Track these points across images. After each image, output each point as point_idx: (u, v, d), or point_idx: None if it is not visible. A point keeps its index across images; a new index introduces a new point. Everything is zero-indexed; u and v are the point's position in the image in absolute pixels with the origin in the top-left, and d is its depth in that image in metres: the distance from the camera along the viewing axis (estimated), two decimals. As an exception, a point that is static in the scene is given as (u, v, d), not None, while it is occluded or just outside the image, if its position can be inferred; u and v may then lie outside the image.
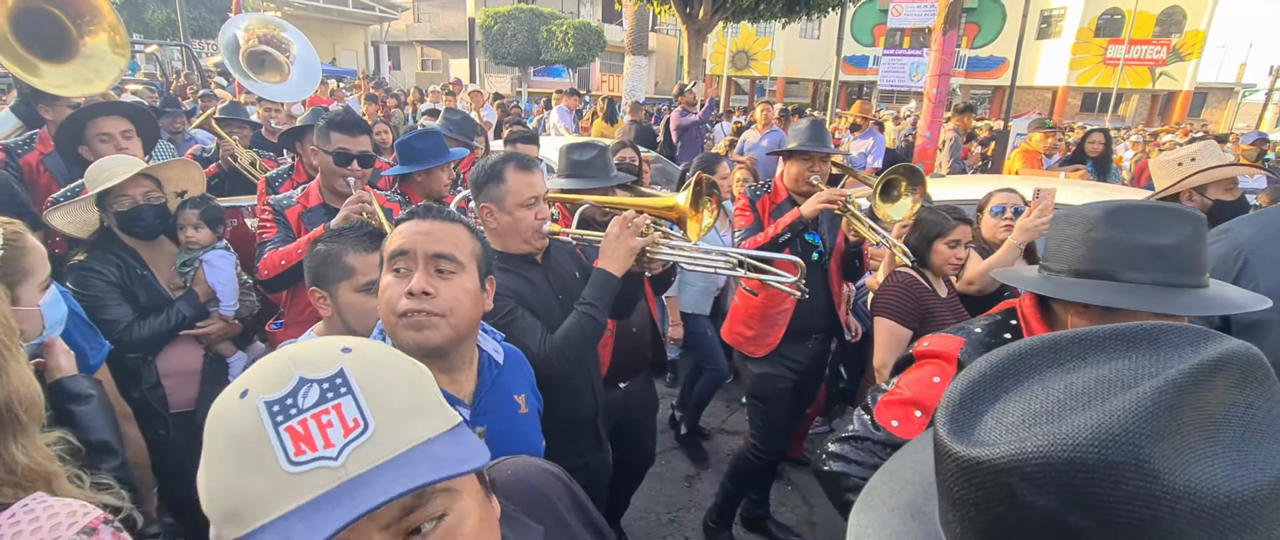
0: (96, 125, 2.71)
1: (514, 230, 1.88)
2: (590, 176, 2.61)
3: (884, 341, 2.49)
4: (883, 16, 28.85)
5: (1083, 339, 0.55)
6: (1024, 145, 7.01)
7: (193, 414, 2.34)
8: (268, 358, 0.59)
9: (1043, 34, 28.18)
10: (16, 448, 0.95)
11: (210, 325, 2.38)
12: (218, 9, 18.27)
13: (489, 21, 25.89)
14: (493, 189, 1.88)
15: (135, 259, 2.28)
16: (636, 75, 14.39)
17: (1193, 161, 2.56)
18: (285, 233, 2.42)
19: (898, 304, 2.49)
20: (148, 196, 2.25)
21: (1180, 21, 25.94)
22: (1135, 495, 0.45)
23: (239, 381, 0.57)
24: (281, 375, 0.56)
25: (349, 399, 0.55)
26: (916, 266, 2.56)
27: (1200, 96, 29.21)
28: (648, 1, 9.86)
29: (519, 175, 1.87)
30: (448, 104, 10.09)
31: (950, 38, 6.70)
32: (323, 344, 0.60)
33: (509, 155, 1.93)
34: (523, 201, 1.86)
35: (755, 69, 31.33)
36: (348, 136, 2.45)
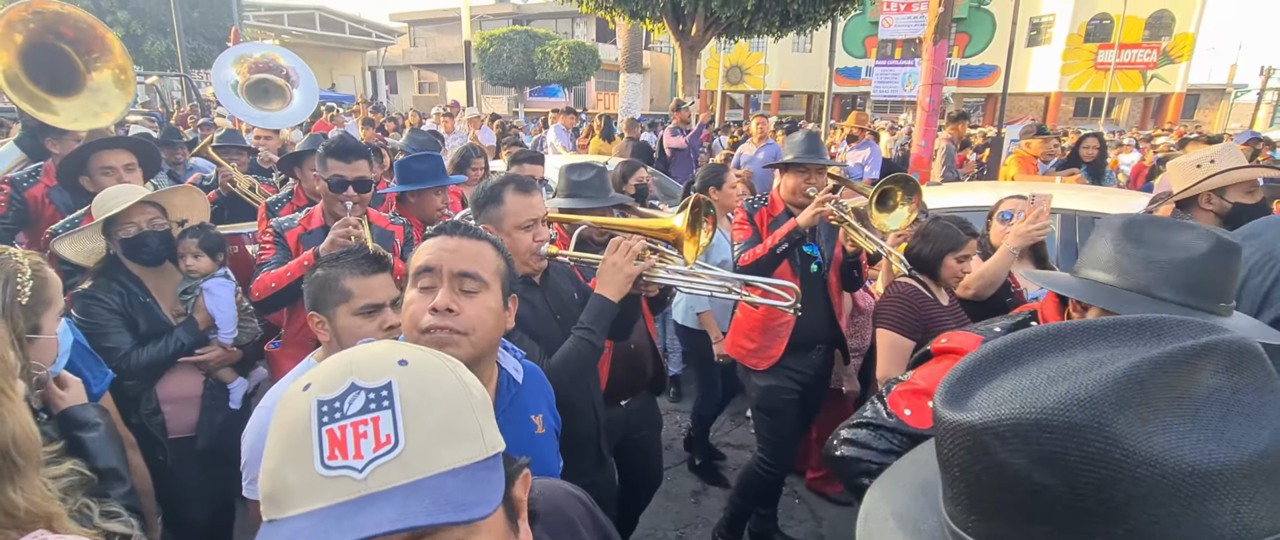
0: (100, 158, 2.79)
1: (511, 252, 1.88)
2: (589, 196, 2.62)
3: (886, 353, 2.49)
4: (873, 28, 29.09)
5: (1088, 327, 0.57)
6: (1019, 151, 7.05)
7: (192, 440, 2.35)
8: (337, 357, 0.61)
9: (1033, 41, 28.45)
10: (15, 492, 0.94)
11: (209, 352, 2.38)
12: (216, 39, 18.47)
13: (484, 44, 26.18)
14: (491, 210, 1.88)
15: (139, 286, 2.30)
16: (632, 92, 14.50)
17: (1212, 163, 2.49)
18: (284, 255, 2.44)
19: (899, 315, 2.48)
20: (152, 223, 2.28)
21: (1169, 25, 26.20)
22: (1095, 457, 0.47)
23: (310, 374, 0.60)
24: (337, 377, 0.58)
25: (388, 414, 0.57)
26: (916, 276, 2.55)
27: (1192, 98, 29.41)
28: (641, 20, 9.97)
29: (517, 197, 1.87)
30: (445, 126, 10.18)
31: (941, 47, 6.77)
32: (383, 351, 0.62)
33: (509, 177, 1.93)
34: (520, 223, 1.86)
35: (749, 83, 31.58)
36: (343, 163, 2.47)
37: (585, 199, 2.60)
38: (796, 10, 9.06)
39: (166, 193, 2.49)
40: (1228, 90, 31.98)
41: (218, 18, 18.62)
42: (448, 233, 1.28)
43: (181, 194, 2.57)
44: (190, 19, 17.25)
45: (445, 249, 1.24)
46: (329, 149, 2.50)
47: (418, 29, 37.36)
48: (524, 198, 1.88)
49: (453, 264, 1.23)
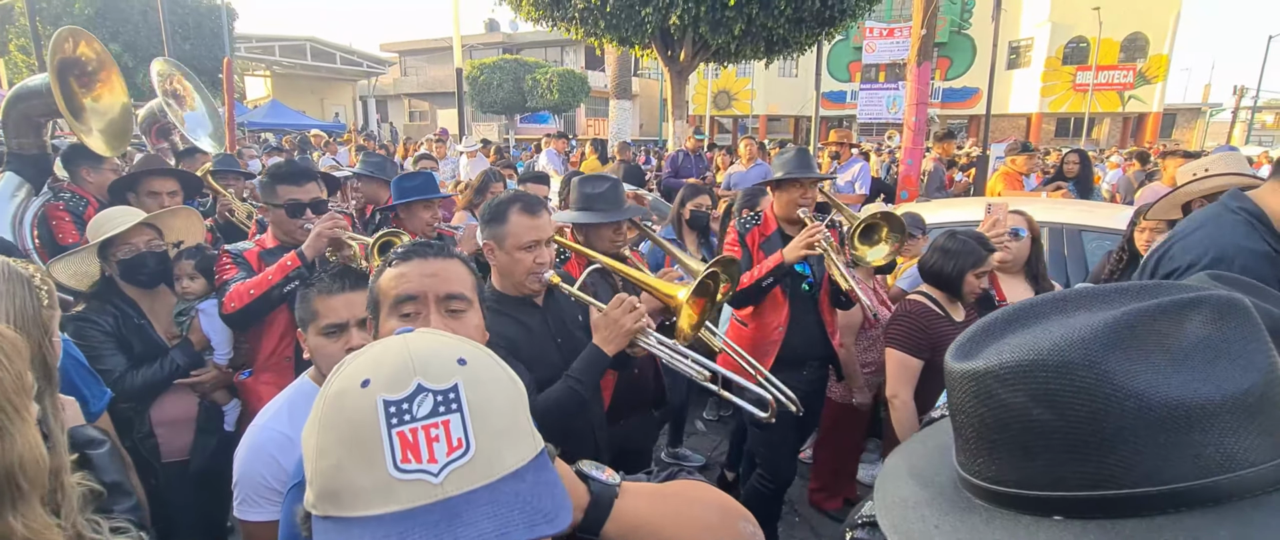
0: (149, 183, 2.96)
1: (510, 271, 1.88)
2: (603, 209, 2.57)
3: (895, 372, 2.50)
4: (857, 54, 29.82)
5: (1090, 293, 0.61)
6: (1004, 168, 7.19)
7: (185, 464, 2.32)
8: (387, 348, 0.61)
9: (1012, 64, 29.11)
10: (15, 519, 0.90)
11: (204, 374, 2.36)
12: (208, 71, 18.55)
13: (475, 72, 26.45)
14: (496, 228, 1.87)
15: (133, 309, 2.29)
16: (621, 118, 14.67)
17: (1206, 171, 2.56)
18: (247, 273, 2.38)
19: (907, 335, 2.50)
20: (150, 244, 2.28)
21: (1143, 46, 26.91)
22: (1086, 390, 0.52)
23: (359, 366, 0.60)
24: (402, 377, 0.58)
25: (457, 417, 0.57)
26: (928, 294, 2.56)
27: (1170, 117, 30.09)
28: (629, 47, 10.14)
29: (522, 217, 1.85)
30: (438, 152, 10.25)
31: (925, 68, 6.93)
32: (440, 347, 0.62)
33: (516, 196, 1.92)
34: (522, 243, 1.84)
35: (737, 108, 32.04)
36: (295, 187, 2.42)
37: (599, 212, 2.55)
38: (782, 36, 9.24)
39: (164, 214, 2.51)
40: (1203, 109, 32.76)
41: (210, 50, 18.74)
42: (420, 255, 1.21)
43: (179, 216, 2.59)
44: (182, 51, 17.34)
45: (427, 273, 1.19)
46: (277, 175, 2.44)
47: (408, 59, 37.73)
48: (529, 218, 1.86)
49: (438, 288, 1.18)
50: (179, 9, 17.89)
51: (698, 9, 8.31)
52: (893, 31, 27.86)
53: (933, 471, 0.68)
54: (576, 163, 9.75)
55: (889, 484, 0.71)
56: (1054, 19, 27.28)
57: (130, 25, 17.34)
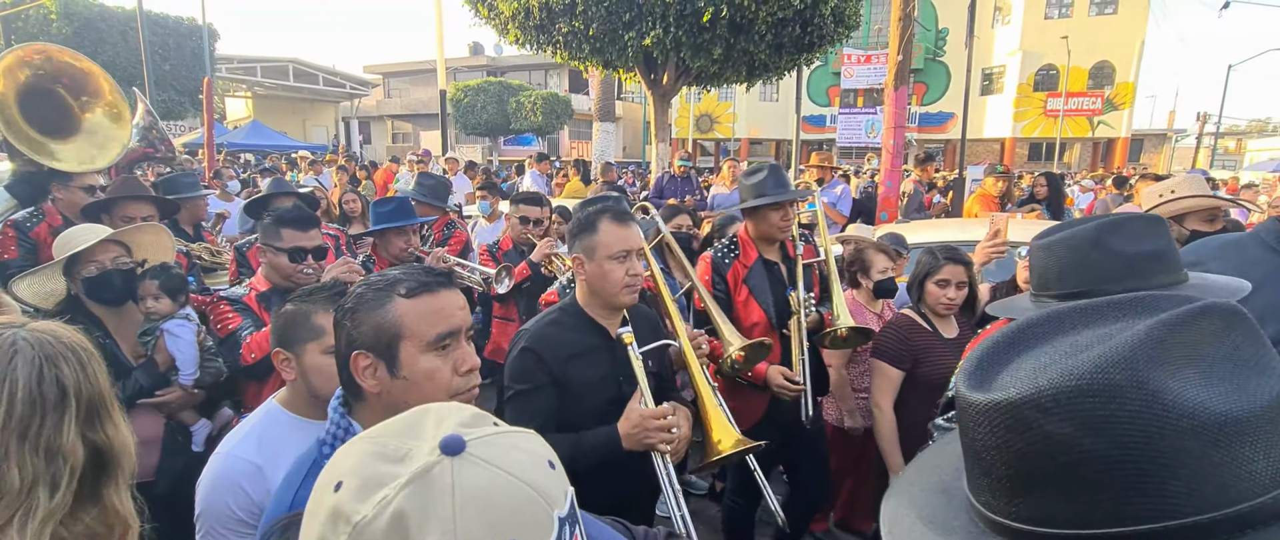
0: (124, 208, 2.94)
1: (602, 283, 1.81)
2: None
3: (877, 382, 2.64)
4: (836, 79, 30.43)
5: (1083, 309, 0.60)
6: (980, 190, 7.34)
7: (152, 485, 2.22)
8: (515, 492, 0.52)
9: (986, 90, 29.89)
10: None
11: (169, 394, 2.29)
12: (188, 91, 18.43)
13: (459, 95, 26.53)
14: (586, 239, 1.82)
15: (99, 328, 2.22)
16: (605, 141, 14.78)
17: (1172, 192, 2.61)
18: (252, 320, 2.34)
19: (890, 346, 2.61)
20: (116, 262, 2.22)
21: (1110, 74, 27.82)
22: (1139, 414, 0.49)
23: (487, 528, 0.50)
24: (542, 519, 0.52)
25: (579, 526, 0.55)
26: (918, 309, 2.65)
27: (1137, 143, 31.01)
28: (613, 70, 10.26)
29: (613, 227, 1.81)
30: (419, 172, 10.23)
31: (902, 93, 7.09)
32: (539, 461, 0.56)
33: (605, 205, 1.87)
34: (614, 254, 1.79)
35: (719, 131, 32.42)
36: (300, 232, 2.37)
37: None
38: (762, 61, 9.41)
39: (131, 231, 2.47)
40: (1169, 135, 33.84)
41: (190, 70, 18.62)
42: (444, 286, 1.16)
43: (147, 232, 2.55)
44: (161, 71, 17.21)
45: (458, 306, 1.16)
46: (284, 219, 2.39)
47: (392, 81, 37.75)
48: (620, 228, 1.81)
49: (465, 320, 1.17)
50: (159, 29, 17.80)
51: (680, 33, 8.45)
52: (870, 58, 28.52)
53: (946, 515, 0.63)
54: (561, 185, 9.78)
55: (903, 533, 0.64)
56: (1025, 47, 28.15)
57: (109, 45, 17.17)
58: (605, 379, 1.85)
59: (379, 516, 0.49)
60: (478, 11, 9.58)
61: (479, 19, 9.61)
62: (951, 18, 27.50)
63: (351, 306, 1.12)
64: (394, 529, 0.49)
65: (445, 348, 1.11)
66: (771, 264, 2.70)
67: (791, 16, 8.46)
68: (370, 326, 1.09)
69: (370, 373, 1.10)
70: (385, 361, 1.09)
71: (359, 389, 1.13)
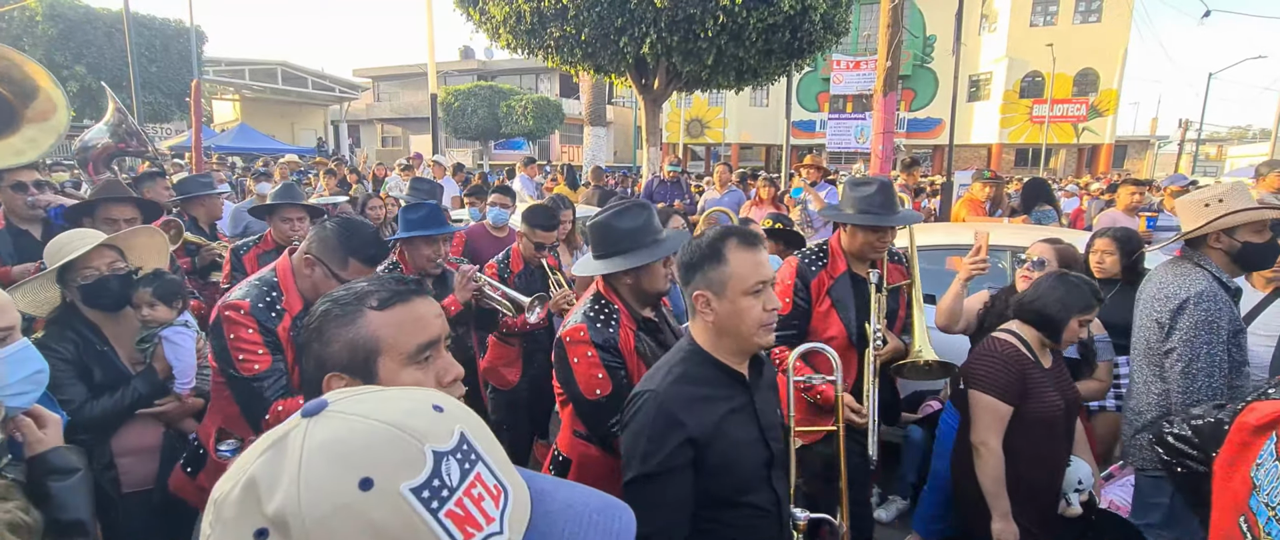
0: (107, 209, 2.93)
1: (736, 324, 1.51)
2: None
3: (985, 419, 2.29)
4: (825, 85, 30.68)
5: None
6: (967, 195, 7.43)
7: (149, 494, 2.21)
8: (369, 433, 0.50)
9: (973, 96, 30.23)
10: None
11: (168, 403, 2.25)
12: (175, 94, 18.29)
13: (449, 98, 26.49)
14: (711, 271, 1.52)
15: (96, 334, 2.19)
16: (596, 145, 14.81)
17: (1221, 203, 2.43)
18: (276, 355, 1.95)
19: (999, 378, 2.28)
20: (112, 267, 2.19)
21: (1094, 81, 28.23)
22: None
23: (337, 468, 0.48)
24: (412, 454, 0.49)
25: (481, 465, 0.52)
26: (1017, 334, 2.36)
27: (1121, 149, 31.45)
28: (604, 75, 10.30)
29: (744, 254, 1.51)
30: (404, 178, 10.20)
31: (891, 99, 7.17)
32: (419, 406, 0.54)
33: (728, 229, 1.59)
34: (749, 288, 1.49)
35: (710, 136, 32.56)
36: (368, 269, 2.03)
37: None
38: (752, 66, 9.48)
39: (126, 235, 2.42)
40: (1152, 141, 34.36)
41: (176, 72, 18.46)
42: (418, 294, 1.08)
43: (142, 235, 2.49)
44: (148, 73, 17.07)
45: (435, 313, 1.08)
46: (357, 250, 1.99)
47: (382, 84, 37.61)
48: (751, 254, 1.51)
49: (443, 328, 1.09)
50: (146, 31, 17.66)
51: (671, 39, 8.50)
52: (859, 64, 28.78)
53: None
54: (550, 189, 9.79)
55: None
56: (1011, 54, 28.51)
57: (95, 47, 17.02)
58: (755, 442, 1.56)
59: (233, 488, 0.49)
60: (469, 16, 9.59)
61: (471, 23, 9.63)
62: (939, 25, 27.82)
63: (318, 325, 1.04)
64: (246, 494, 0.48)
65: (426, 359, 1.04)
66: (859, 279, 2.52)
67: (782, 22, 8.54)
68: (342, 344, 1.01)
69: None
70: (362, 380, 1.01)
71: None
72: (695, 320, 1.58)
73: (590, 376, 1.87)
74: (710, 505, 1.48)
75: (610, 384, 1.86)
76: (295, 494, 0.46)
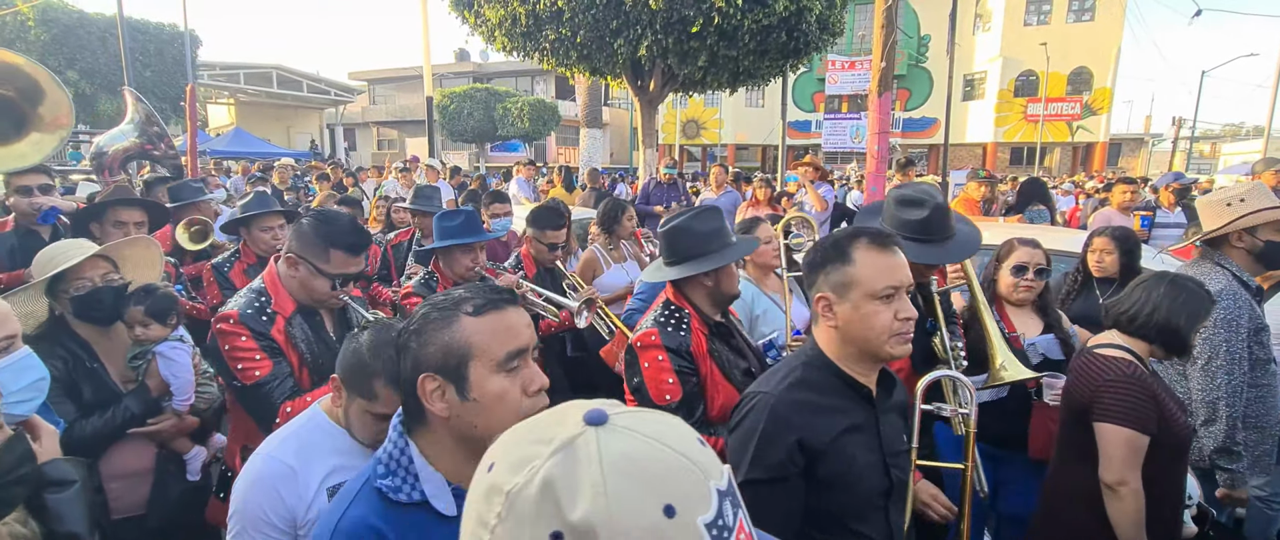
0: (115, 212, 2.89)
1: (863, 331, 1.39)
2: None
3: (1122, 455, 1.94)
4: (821, 85, 30.73)
5: None
6: (962, 195, 7.45)
7: (142, 519, 2.11)
8: (666, 459, 0.51)
9: (968, 96, 30.33)
10: None
11: (163, 421, 2.13)
12: (169, 98, 18.22)
13: (445, 101, 26.44)
14: (835, 273, 1.41)
15: (86, 351, 2.07)
16: (592, 147, 14.80)
17: (1242, 202, 2.45)
18: (276, 358, 1.95)
19: (1135, 406, 1.95)
20: (106, 278, 2.09)
21: (1088, 80, 28.35)
22: None
23: (642, 490, 0.49)
24: (702, 489, 0.50)
25: (742, 511, 0.53)
26: (1129, 350, 2.05)
27: (1115, 147, 31.58)
28: (601, 76, 10.30)
29: (874, 255, 1.39)
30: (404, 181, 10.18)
31: (886, 99, 7.17)
32: (693, 439, 0.54)
33: (859, 229, 1.47)
34: (878, 291, 1.37)
35: (706, 137, 32.59)
36: (352, 258, 2.02)
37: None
38: (747, 67, 9.49)
39: (119, 245, 2.34)
40: (1146, 139, 34.52)
41: (171, 77, 18.40)
42: (511, 303, 1.10)
43: (137, 246, 2.41)
44: (142, 78, 16.99)
45: (525, 323, 1.10)
46: (338, 240, 1.98)
47: (377, 87, 37.55)
48: (884, 256, 1.39)
49: (532, 338, 1.11)
50: (140, 36, 17.58)
51: (666, 40, 8.51)
52: (854, 64, 28.84)
53: None
54: (546, 191, 9.79)
55: None
56: (1005, 53, 28.61)
57: (89, 52, 16.93)
58: (875, 466, 1.42)
59: (529, 484, 0.51)
60: (464, 19, 9.58)
61: (466, 26, 9.62)
62: (933, 25, 27.91)
63: (417, 327, 1.07)
64: (544, 495, 0.50)
65: (514, 368, 1.06)
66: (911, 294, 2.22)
67: (776, 23, 8.55)
68: (438, 347, 1.05)
69: (438, 395, 1.05)
70: (454, 383, 1.04)
71: (423, 413, 1.07)
72: (817, 325, 1.49)
73: (660, 381, 1.87)
74: (818, 528, 1.38)
75: (680, 389, 1.86)
76: (604, 507, 0.48)
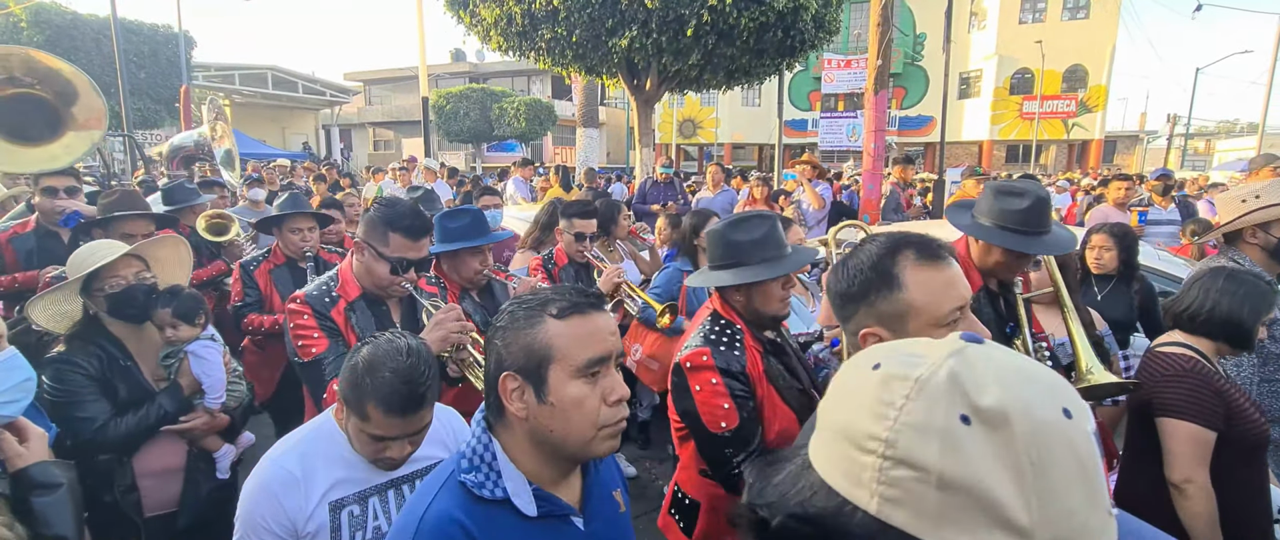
0: (123, 225, 2.98)
1: None
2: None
3: (1188, 451, 1.90)
4: (817, 84, 30.72)
5: None
6: (959, 192, 7.46)
7: (172, 517, 2.14)
8: (1047, 375, 0.56)
9: (964, 93, 30.37)
10: None
11: (194, 419, 2.16)
12: (164, 99, 18.17)
13: (441, 102, 26.39)
14: (883, 302, 1.17)
15: (119, 348, 2.11)
16: (589, 146, 14.78)
17: (1258, 198, 2.43)
18: (334, 338, 2.00)
19: (1197, 400, 1.90)
20: (139, 277, 2.13)
21: (1083, 77, 28.41)
22: None
23: (1042, 391, 0.53)
24: (1077, 400, 0.54)
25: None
26: (1191, 347, 2.00)
27: (1111, 144, 31.66)
28: (596, 76, 10.29)
29: (928, 273, 1.16)
30: (402, 181, 10.15)
31: (882, 97, 7.18)
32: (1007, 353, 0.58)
33: (898, 238, 1.21)
34: (943, 318, 1.15)
35: (702, 136, 32.57)
36: (412, 243, 2.04)
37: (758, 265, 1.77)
38: (743, 65, 9.49)
39: (150, 244, 2.37)
40: (1141, 136, 34.62)
41: (165, 78, 18.35)
42: (596, 307, 1.08)
43: (166, 246, 2.42)
44: (137, 79, 16.95)
45: (610, 330, 1.08)
46: (395, 223, 2.01)
47: (373, 88, 37.47)
48: (939, 270, 1.17)
49: (617, 345, 1.08)
50: (134, 37, 17.53)
51: (662, 39, 8.49)
52: (850, 62, 28.84)
53: None
54: (544, 189, 9.78)
55: None
56: (1000, 51, 28.66)
57: (82, 53, 16.88)
58: None
59: (935, 373, 0.54)
60: (460, 19, 9.56)
61: (462, 26, 9.60)
62: (929, 23, 27.93)
63: (504, 325, 1.08)
64: (952, 384, 0.53)
65: (594, 375, 1.04)
66: (994, 294, 2.05)
67: (773, 22, 8.55)
68: (520, 347, 1.04)
69: (517, 395, 1.06)
70: (533, 385, 1.04)
71: (503, 410, 1.08)
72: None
73: (714, 407, 1.67)
74: None
75: (737, 415, 1.66)
76: (1016, 397, 0.51)
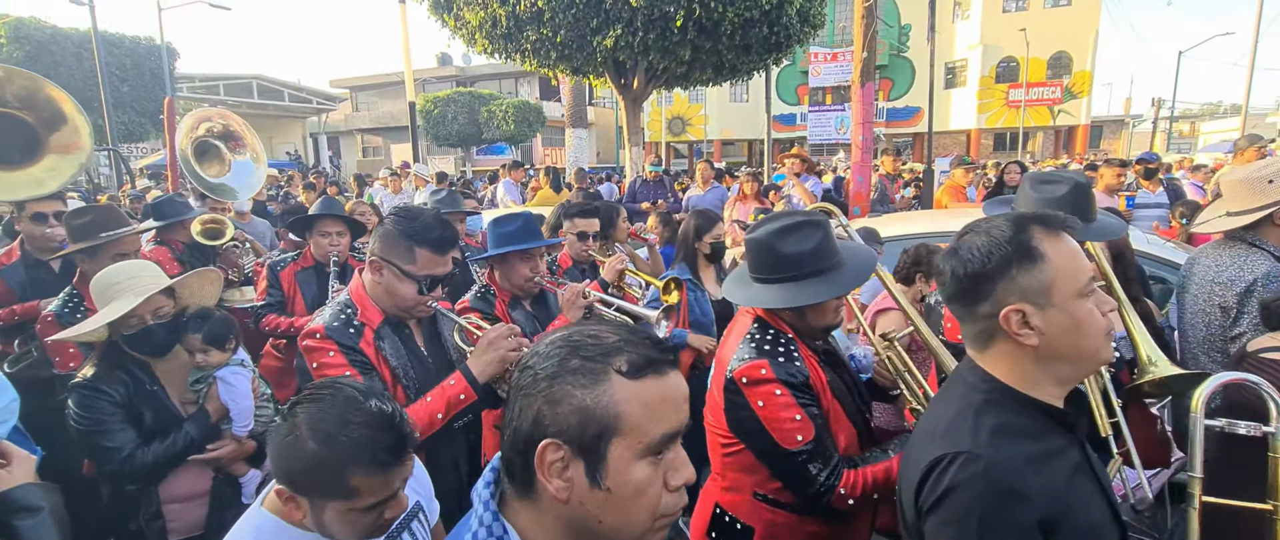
0: (112, 246, 2.76)
1: (1075, 341, 1.09)
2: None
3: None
4: (804, 78, 30.80)
5: None
6: (949, 182, 7.52)
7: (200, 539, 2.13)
8: None
9: (950, 83, 30.53)
10: None
11: (222, 447, 2.14)
12: (148, 112, 18.02)
13: (429, 106, 26.30)
14: (1026, 276, 1.09)
15: (146, 373, 2.09)
16: (578, 147, 14.78)
17: (1271, 184, 2.28)
18: (367, 374, 1.81)
19: None
20: (156, 314, 2.07)
21: (1068, 64, 28.61)
22: None
23: None
24: None
25: None
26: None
27: (1097, 129, 31.90)
28: (584, 76, 10.28)
29: (1063, 244, 1.11)
30: (394, 186, 10.12)
31: (868, 89, 7.21)
32: None
33: (1021, 218, 1.14)
34: (1084, 288, 1.09)
35: (692, 134, 32.60)
36: (439, 258, 1.84)
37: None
38: (731, 61, 9.51)
39: (177, 281, 2.28)
40: (1127, 120, 34.90)
41: (149, 90, 18.20)
42: (672, 364, 0.84)
43: (194, 280, 2.36)
44: (120, 93, 16.79)
45: (685, 394, 0.84)
46: (423, 238, 1.81)
47: (360, 94, 37.29)
48: (1068, 242, 1.12)
49: (687, 416, 0.85)
50: (116, 50, 17.37)
51: (647, 36, 8.50)
52: (836, 56, 28.90)
53: None
54: (535, 190, 9.78)
55: None
56: (985, 40, 28.82)
57: (64, 67, 16.71)
58: (1107, 522, 1.12)
59: None
60: (444, 22, 9.53)
61: (446, 30, 9.57)
62: (913, 14, 28.03)
63: (553, 372, 0.80)
64: None
65: (660, 454, 0.81)
66: None
67: (758, 17, 8.57)
68: (575, 408, 0.78)
69: (559, 471, 0.79)
70: (586, 461, 0.79)
71: (532, 484, 0.82)
72: (992, 349, 1.14)
73: (784, 421, 1.54)
74: None
75: (811, 427, 1.54)
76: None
